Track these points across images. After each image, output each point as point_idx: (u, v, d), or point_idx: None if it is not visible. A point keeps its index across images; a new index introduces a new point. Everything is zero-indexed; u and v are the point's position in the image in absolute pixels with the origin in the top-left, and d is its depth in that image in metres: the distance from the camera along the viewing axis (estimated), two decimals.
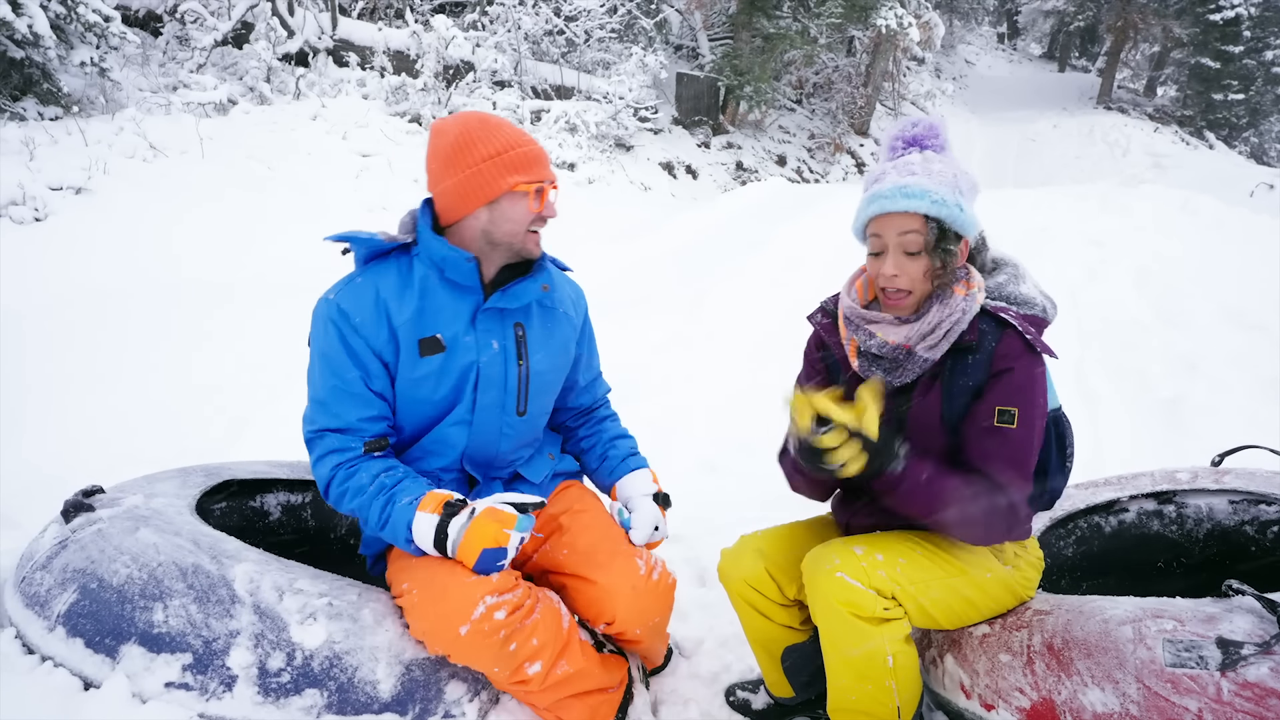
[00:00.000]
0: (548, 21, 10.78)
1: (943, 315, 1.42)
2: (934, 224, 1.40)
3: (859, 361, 1.53)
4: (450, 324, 1.52)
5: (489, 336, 1.54)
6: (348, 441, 1.47)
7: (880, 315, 1.48)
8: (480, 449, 1.61)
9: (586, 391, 1.86)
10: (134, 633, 1.34)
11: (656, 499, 1.75)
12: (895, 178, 1.42)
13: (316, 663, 1.37)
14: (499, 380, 1.57)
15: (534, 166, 1.50)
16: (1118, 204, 6.55)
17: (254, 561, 1.45)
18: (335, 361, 1.47)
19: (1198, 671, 1.24)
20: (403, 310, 1.49)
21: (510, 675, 1.41)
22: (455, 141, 1.47)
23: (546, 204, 1.53)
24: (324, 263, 5.44)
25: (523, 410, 1.62)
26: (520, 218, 1.51)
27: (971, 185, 1.44)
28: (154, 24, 8.48)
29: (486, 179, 1.46)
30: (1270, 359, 3.75)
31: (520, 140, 1.50)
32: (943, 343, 1.44)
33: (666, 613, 1.70)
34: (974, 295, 1.44)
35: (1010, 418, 1.40)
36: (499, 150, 1.47)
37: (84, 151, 5.55)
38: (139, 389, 3.31)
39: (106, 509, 1.53)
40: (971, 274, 1.48)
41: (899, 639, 1.43)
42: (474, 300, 1.54)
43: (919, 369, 1.46)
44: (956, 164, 1.45)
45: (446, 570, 1.40)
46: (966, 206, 1.41)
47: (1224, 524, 1.86)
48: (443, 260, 1.50)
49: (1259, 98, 19.62)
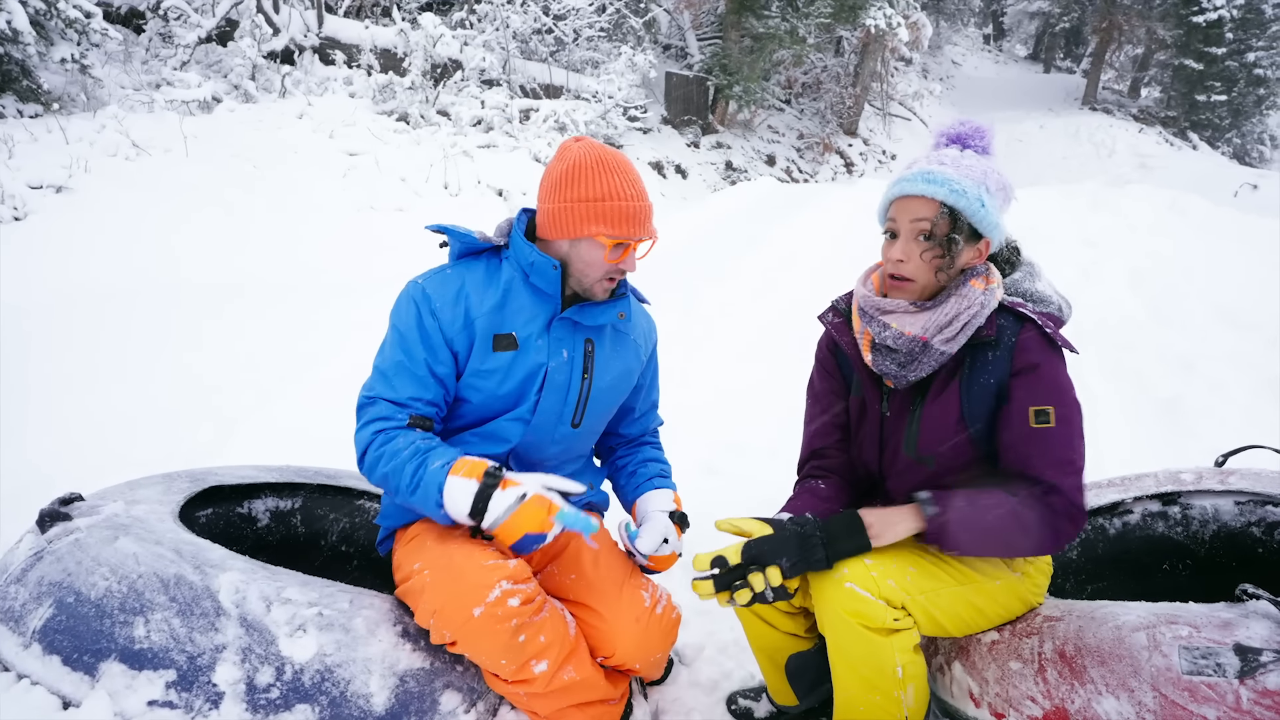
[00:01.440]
0: (536, 20, 10.72)
1: (960, 307, 1.40)
2: (949, 213, 1.38)
3: (872, 356, 1.50)
4: (526, 325, 1.56)
5: (560, 345, 1.58)
6: (395, 412, 1.49)
7: (896, 304, 1.45)
8: (531, 449, 1.61)
9: (639, 421, 1.86)
10: (114, 649, 1.28)
11: (673, 517, 1.71)
12: (924, 165, 1.42)
13: (307, 677, 1.32)
14: (562, 387, 1.59)
15: (622, 223, 1.49)
16: (1108, 203, 6.57)
17: (240, 570, 1.39)
18: (408, 339, 1.51)
19: (1215, 679, 1.20)
20: (483, 304, 1.53)
21: (516, 671, 1.38)
22: (565, 171, 1.51)
23: (626, 260, 1.54)
24: (311, 263, 5.39)
25: (578, 423, 1.63)
26: (595, 263, 1.53)
27: (1001, 186, 1.42)
28: (136, 20, 8.35)
29: (573, 219, 1.50)
30: (1266, 358, 3.75)
31: (620, 193, 1.50)
32: (960, 335, 1.41)
33: (669, 647, 1.68)
34: (993, 290, 1.42)
35: (1047, 416, 1.37)
36: (595, 197, 1.49)
37: (65, 149, 5.46)
38: (120, 392, 3.23)
39: (85, 518, 1.46)
40: (991, 270, 1.46)
41: (908, 649, 1.39)
42: (552, 307, 1.58)
43: (935, 363, 1.43)
44: (994, 166, 1.43)
45: (464, 552, 1.40)
46: (990, 204, 1.39)
47: (1230, 525, 1.84)
48: (530, 265, 1.55)
49: (1241, 99, 19.80)
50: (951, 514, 1.36)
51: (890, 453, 1.53)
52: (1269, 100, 20.14)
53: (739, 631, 2.03)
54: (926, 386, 1.48)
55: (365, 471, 1.49)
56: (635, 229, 1.50)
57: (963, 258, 1.42)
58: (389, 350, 1.53)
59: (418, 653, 1.41)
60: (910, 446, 1.49)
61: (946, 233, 1.39)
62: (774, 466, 2.63)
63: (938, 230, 1.39)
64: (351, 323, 3.99)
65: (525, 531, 1.35)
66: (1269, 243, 5.60)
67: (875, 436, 1.56)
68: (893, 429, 1.52)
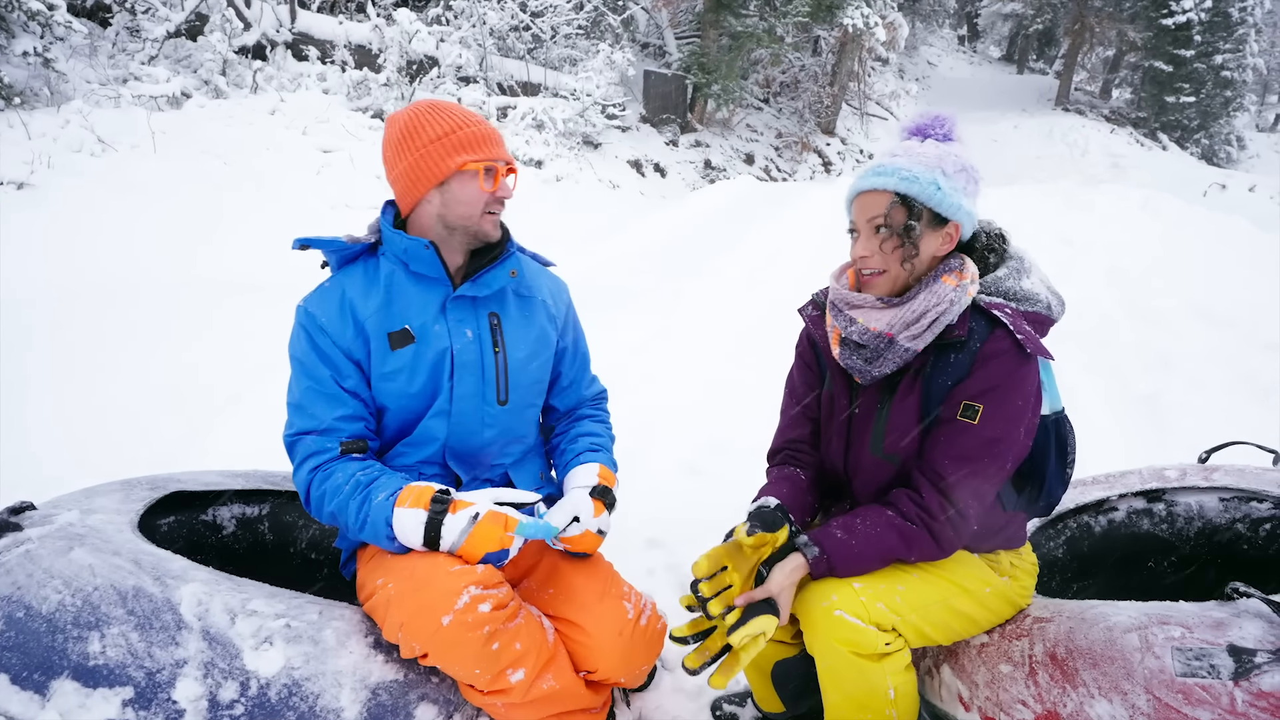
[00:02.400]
0: (513, 17, 10.62)
1: (929, 304, 1.37)
2: (903, 201, 1.36)
3: (840, 350, 1.47)
4: (419, 315, 1.50)
5: (461, 325, 1.52)
6: (324, 443, 1.45)
7: (864, 299, 1.42)
8: (462, 440, 1.55)
9: (570, 390, 1.78)
10: (66, 666, 1.20)
11: (595, 493, 1.60)
12: (877, 160, 1.41)
13: (273, 691, 1.26)
14: (475, 368, 1.53)
15: (482, 145, 1.46)
16: (1082, 202, 6.62)
17: (202, 582, 1.32)
18: (307, 364, 1.47)
19: (1210, 681, 1.18)
20: (368, 306, 1.48)
21: (491, 680, 1.32)
22: (404, 127, 1.47)
23: (501, 185, 1.49)
24: (283, 261, 5.27)
25: (504, 399, 1.57)
26: (472, 199, 1.48)
27: (961, 168, 1.38)
28: (102, 14, 8.14)
29: (434, 160, 1.45)
30: (1242, 354, 3.79)
31: (468, 120, 1.47)
32: (926, 333, 1.37)
33: (654, 659, 1.62)
34: (964, 286, 1.38)
35: (973, 413, 1.35)
36: (446, 131, 1.45)
37: (27, 145, 5.30)
38: (81, 395, 3.12)
39: (36, 528, 1.38)
40: (966, 265, 1.41)
41: (900, 670, 1.37)
42: (443, 291, 1.53)
43: (900, 359, 1.40)
44: (956, 150, 1.40)
45: (427, 562, 1.34)
46: (946, 185, 1.35)
47: (1215, 522, 1.83)
48: (404, 252, 1.49)
49: (1209, 101, 20.15)
50: (831, 551, 1.36)
51: (856, 451, 1.50)
52: (1236, 102, 20.52)
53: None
54: (895, 384, 1.44)
55: (313, 513, 1.44)
56: (496, 150, 1.48)
57: (929, 245, 1.39)
58: (295, 383, 1.49)
59: (391, 664, 1.35)
60: (876, 445, 1.46)
61: (903, 221, 1.36)
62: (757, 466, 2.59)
63: (893, 220, 1.37)
64: None
65: (485, 551, 1.30)
66: (1239, 241, 5.67)
67: (842, 434, 1.53)
68: (860, 427, 1.49)
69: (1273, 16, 24.30)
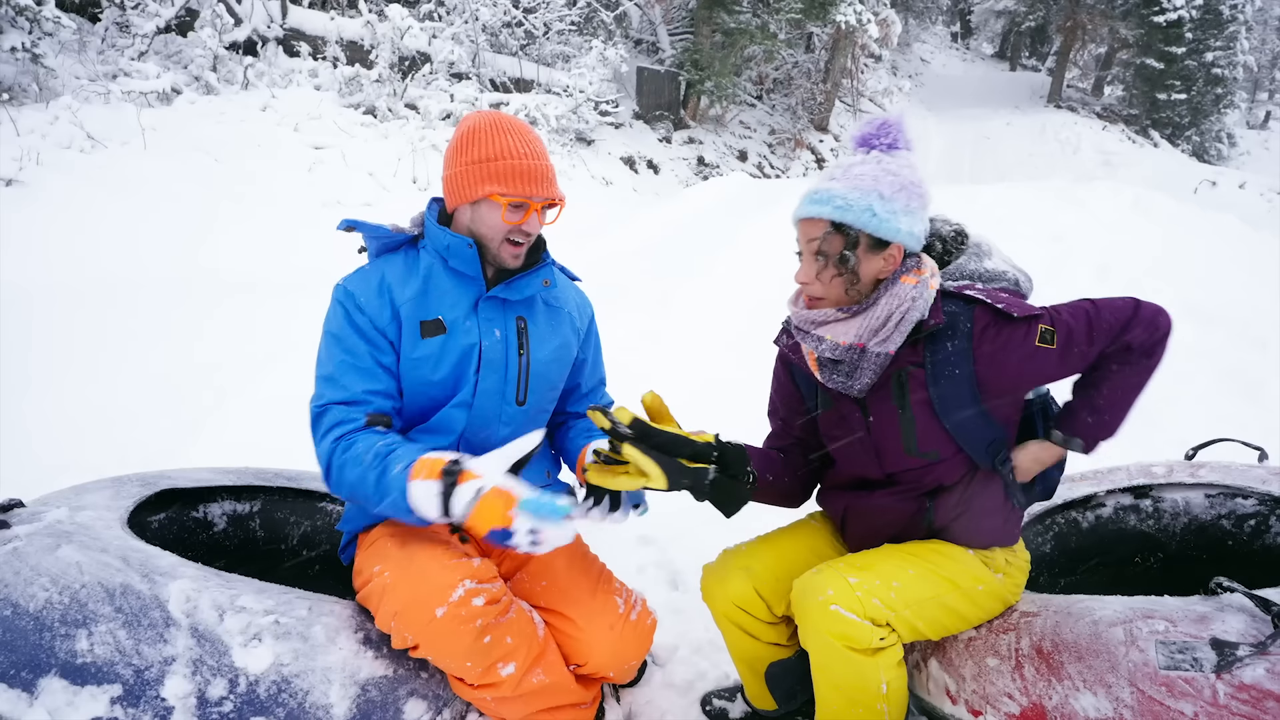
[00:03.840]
0: (506, 13, 10.58)
1: (891, 306, 1.36)
2: (837, 229, 1.35)
3: (820, 372, 1.47)
4: (452, 308, 1.53)
5: (491, 324, 1.55)
6: (350, 413, 1.45)
7: (825, 314, 1.41)
8: (478, 433, 1.57)
9: (588, 399, 1.80)
10: (54, 664, 1.20)
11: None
12: (816, 182, 1.40)
13: (262, 688, 1.26)
14: (500, 366, 1.55)
15: (516, 180, 1.46)
16: (1074, 199, 6.65)
17: (191, 578, 1.32)
18: (343, 338, 1.50)
19: (1192, 674, 1.20)
20: (405, 293, 1.51)
21: (482, 674, 1.33)
22: (462, 137, 1.50)
23: (528, 221, 1.50)
24: (275, 259, 5.26)
25: (522, 400, 1.59)
26: (494, 225, 1.50)
27: (901, 186, 1.35)
28: (92, 9, 8.07)
29: (470, 180, 1.48)
30: (1227, 351, 3.81)
31: (514, 151, 1.47)
32: (895, 335, 1.37)
33: (644, 653, 1.63)
34: (925, 281, 1.38)
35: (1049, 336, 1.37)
36: (489, 156, 1.47)
37: (15, 141, 5.25)
38: (72, 392, 3.11)
39: (24, 525, 1.38)
40: (922, 261, 1.41)
41: (893, 665, 1.38)
42: (477, 288, 1.56)
43: (877, 366, 1.40)
44: (900, 164, 1.37)
45: (426, 553, 1.36)
46: (883, 209, 1.33)
47: (1201, 518, 1.85)
48: (445, 248, 1.53)
49: (1200, 98, 20.26)
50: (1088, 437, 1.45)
51: (891, 457, 1.48)
52: (1226, 99, 20.63)
53: (714, 632, 2.00)
54: (903, 386, 1.43)
55: (333, 486, 1.43)
56: (529, 187, 1.47)
57: (870, 268, 1.38)
58: (329, 355, 1.50)
59: (380, 660, 1.36)
60: (911, 447, 1.44)
61: (839, 250, 1.36)
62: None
63: (829, 249, 1.36)
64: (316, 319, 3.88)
65: (489, 528, 1.28)
66: (1228, 238, 5.71)
67: (869, 446, 1.50)
68: (884, 434, 1.47)
69: (1263, 14, 24.46)
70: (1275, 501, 1.72)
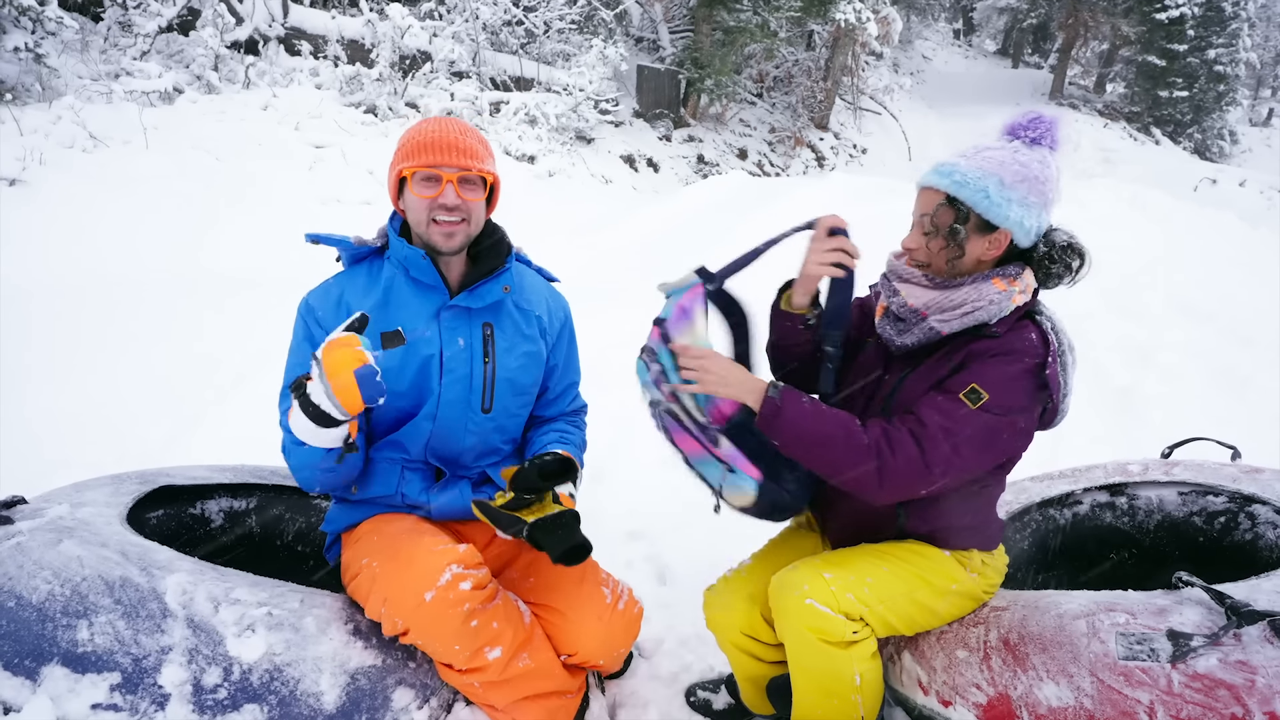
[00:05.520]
0: (506, 11, 10.61)
1: (969, 296, 1.39)
2: (951, 203, 1.39)
3: (881, 319, 1.53)
4: (413, 319, 1.55)
5: (454, 334, 1.57)
6: None
7: (913, 273, 1.46)
8: (444, 442, 1.61)
9: (555, 403, 1.82)
10: (56, 653, 1.26)
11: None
12: (947, 156, 1.44)
13: (255, 676, 1.31)
14: (463, 376, 1.58)
15: (424, 152, 1.47)
16: (1070, 197, 6.65)
17: (187, 572, 1.38)
18: (299, 352, 1.55)
19: (1149, 664, 1.24)
20: (363, 305, 1.53)
21: (469, 658, 1.38)
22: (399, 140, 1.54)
23: (444, 193, 1.48)
24: (275, 258, 5.31)
25: (488, 407, 1.61)
26: (417, 206, 1.51)
27: (1025, 178, 1.37)
28: (94, 8, 8.12)
29: (392, 173, 1.52)
30: (1219, 349, 3.85)
31: (426, 131, 1.50)
32: (956, 321, 1.40)
33: (630, 642, 1.68)
34: (1010, 293, 1.39)
35: (976, 397, 1.34)
36: (405, 140, 1.51)
37: (18, 141, 5.30)
38: (76, 389, 3.17)
39: (27, 521, 1.44)
40: (1023, 276, 1.41)
41: (866, 657, 1.43)
42: (439, 298, 1.57)
43: (923, 335, 1.43)
44: (1034, 158, 1.39)
45: (411, 541, 1.42)
46: (998, 194, 1.36)
47: (1174, 515, 1.89)
48: (405, 259, 1.55)
49: (1202, 95, 20.22)
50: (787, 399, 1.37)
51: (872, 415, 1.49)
52: (1229, 97, 20.58)
53: (700, 625, 2.03)
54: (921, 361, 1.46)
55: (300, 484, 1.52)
56: (435, 155, 1.46)
57: (974, 248, 1.40)
58: (288, 366, 1.58)
59: (369, 650, 1.41)
60: (886, 410, 1.47)
61: (949, 223, 1.39)
62: None
63: (940, 221, 1.40)
64: None
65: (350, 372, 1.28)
66: (1224, 236, 5.73)
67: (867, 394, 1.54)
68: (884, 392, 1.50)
69: (1266, 11, 24.37)
70: (1244, 499, 1.76)
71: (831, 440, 1.36)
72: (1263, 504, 1.71)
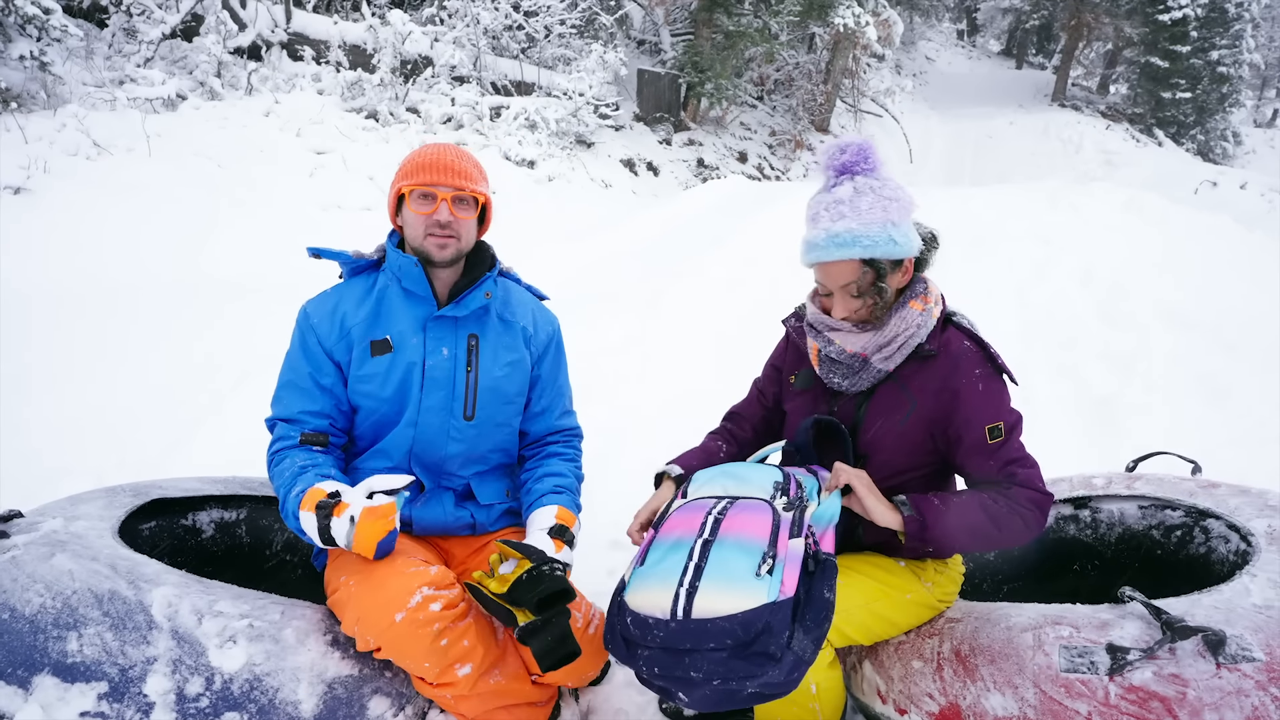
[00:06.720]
0: (507, 16, 10.68)
1: (899, 329, 1.52)
2: (870, 264, 1.48)
3: (820, 366, 1.63)
4: (400, 328, 1.66)
5: (439, 343, 1.66)
6: (288, 430, 1.63)
7: (842, 323, 1.56)
8: (426, 450, 1.69)
9: (541, 418, 1.86)
10: (47, 663, 1.33)
11: (553, 532, 1.67)
12: (827, 223, 1.48)
13: (236, 686, 1.38)
14: (446, 383, 1.67)
15: (423, 171, 1.61)
16: (1066, 202, 6.70)
17: (173, 585, 1.44)
18: (293, 357, 1.67)
19: (1088, 676, 1.30)
20: (358, 314, 1.66)
21: (439, 674, 1.43)
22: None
23: (439, 210, 1.60)
24: (276, 265, 5.38)
25: (470, 414, 1.69)
26: (414, 222, 1.63)
27: (903, 208, 1.49)
28: (99, 15, 8.23)
29: (393, 188, 1.66)
30: (1201, 358, 3.88)
31: (425, 154, 1.62)
32: (897, 354, 1.53)
33: (599, 666, 1.72)
34: (930, 310, 1.54)
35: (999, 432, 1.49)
36: (404, 164, 1.64)
37: (23, 149, 5.39)
38: (75, 398, 3.24)
39: (23, 535, 1.50)
40: (929, 289, 1.57)
41: (822, 666, 1.48)
42: (427, 308, 1.68)
43: (874, 377, 1.56)
44: (888, 187, 1.49)
45: (385, 562, 1.48)
46: (898, 234, 1.48)
47: (1133, 528, 1.95)
48: (398, 269, 1.66)
49: (1205, 96, 20.15)
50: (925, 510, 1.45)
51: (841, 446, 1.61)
52: (1232, 98, 20.51)
53: None
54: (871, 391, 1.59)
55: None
56: (432, 175, 1.60)
57: (893, 283, 1.54)
58: (282, 371, 1.68)
59: (346, 660, 1.47)
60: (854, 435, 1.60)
61: (873, 282, 1.50)
62: None
63: (864, 284, 1.50)
64: None
65: (375, 542, 1.42)
66: (1221, 240, 5.72)
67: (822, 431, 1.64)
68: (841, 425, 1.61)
69: (1270, 11, 24.28)
70: (1200, 514, 1.81)
71: (977, 528, 1.45)
72: (1216, 518, 1.76)
